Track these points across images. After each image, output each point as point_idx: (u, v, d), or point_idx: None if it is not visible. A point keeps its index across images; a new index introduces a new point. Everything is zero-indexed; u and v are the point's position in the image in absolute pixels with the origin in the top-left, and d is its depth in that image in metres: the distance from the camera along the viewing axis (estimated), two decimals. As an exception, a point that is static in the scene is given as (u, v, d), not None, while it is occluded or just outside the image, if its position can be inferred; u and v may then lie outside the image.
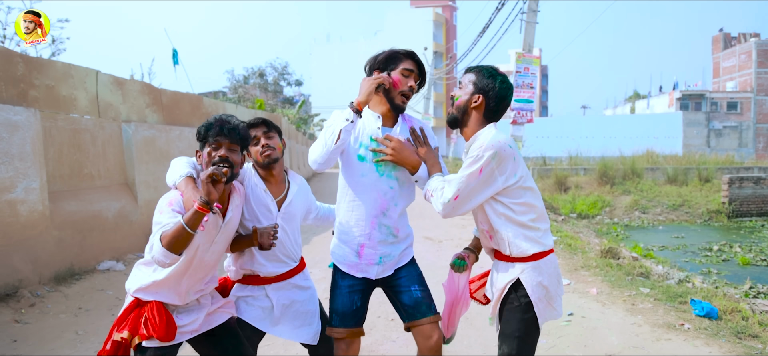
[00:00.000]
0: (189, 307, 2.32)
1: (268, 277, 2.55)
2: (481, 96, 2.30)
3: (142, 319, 2.15)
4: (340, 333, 2.48)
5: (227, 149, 2.21)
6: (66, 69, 6.46)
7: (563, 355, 3.92)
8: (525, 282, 2.24)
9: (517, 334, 2.25)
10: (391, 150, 2.35)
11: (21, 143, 5.41)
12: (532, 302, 2.23)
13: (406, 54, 2.48)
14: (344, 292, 2.50)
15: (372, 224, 2.44)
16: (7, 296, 4.99)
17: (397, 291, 2.52)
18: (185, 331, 2.27)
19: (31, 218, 5.52)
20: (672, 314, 4.73)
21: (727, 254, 12.04)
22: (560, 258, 7.29)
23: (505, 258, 2.30)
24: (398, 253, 2.53)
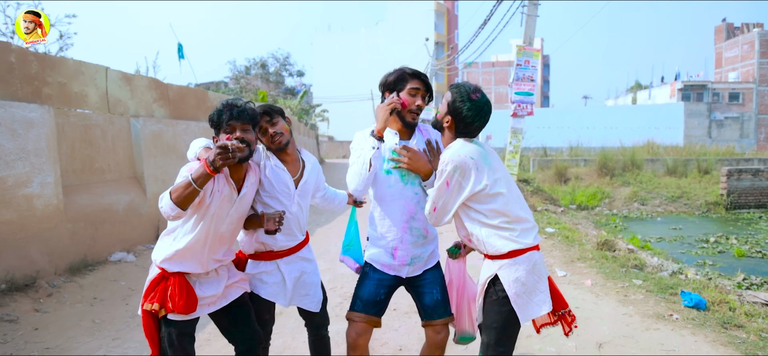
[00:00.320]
0: (209, 278, 2.55)
1: (281, 251, 2.80)
2: (451, 118, 2.56)
3: (168, 293, 2.39)
4: (358, 318, 2.69)
5: (241, 130, 2.42)
6: (77, 66, 6.64)
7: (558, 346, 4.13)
8: (502, 278, 2.45)
9: (495, 325, 2.47)
10: (408, 159, 2.60)
11: (36, 139, 5.62)
12: (509, 297, 2.42)
13: (412, 74, 2.73)
14: (372, 283, 2.75)
15: (403, 229, 2.71)
16: (26, 286, 5.21)
17: (420, 291, 2.78)
18: (205, 304, 2.51)
19: (47, 212, 5.74)
20: (662, 305, 4.93)
21: (724, 246, 12.20)
22: (557, 250, 7.51)
23: (487, 256, 2.54)
24: (427, 254, 2.80)
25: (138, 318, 4.77)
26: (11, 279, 5.11)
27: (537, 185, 18.16)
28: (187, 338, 2.48)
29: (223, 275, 2.61)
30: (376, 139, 2.58)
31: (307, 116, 38.95)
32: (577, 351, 3.94)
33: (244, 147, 2.34)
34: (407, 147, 2.62)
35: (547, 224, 9.81)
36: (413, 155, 2.61)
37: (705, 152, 24.86)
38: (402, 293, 2.94)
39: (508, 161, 14.58)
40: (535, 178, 19.72)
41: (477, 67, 66.06)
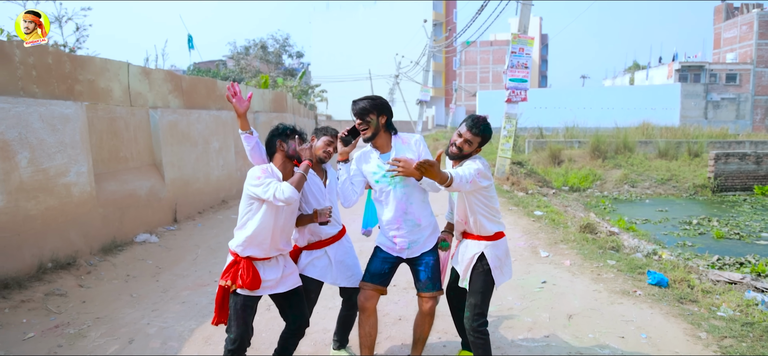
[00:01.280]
0: (270, 265, 3.25)
1: (328, 239, 3.59)
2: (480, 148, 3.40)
3: (239, 273, 3.12)
4: (367, 287, 3.45)
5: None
6: (103, 64, 7.23)
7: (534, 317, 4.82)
8: (487, 255, 3.34)
9: (481, 290, 3.35)
10: (402, 168, 3.20)
11: (72, 132, 6.24)
12: (491, 268, 3.32)
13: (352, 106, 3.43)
14: (379, 259, 3.50)
15: (399, 221, 3.42)
16: (68, 264, 5.88)
17: (417, 270, 3.52)
18: (267, 286, 3.22)
19: (82, 198, 6.38)
20: (629, 282, 5.62)
21: (705, 228, 12.82)
22: (543, 232, 8.19)
23: (474, 237, 3.36)
24: (423, 239, 3.49)
25: (170, 293, 5.49)
26: (56, 258, 5.78)
27: (531, 168, 18.81)
28: (248, 309, 3.18)
29: (281, 264, 3.31)
30: (339, 163, 3.42)
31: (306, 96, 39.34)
32: (550, 321, 4.63)
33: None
34: (398, 158, 3.16)
35: (536, 208, 10.48)
36: (405, 164, 3.16)
37: (698, 135, 25.37)
38: (402, 273, 3.63)
39: (502, 145, 15.20)
40: (529, 160, 20.34)
41: (475, 47, 66.20)
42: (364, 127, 3.34)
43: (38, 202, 5.67)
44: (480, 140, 3.32)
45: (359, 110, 3.33)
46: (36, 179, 5.65)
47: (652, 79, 57.06)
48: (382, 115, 3.38)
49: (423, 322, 3.54)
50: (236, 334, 3.14)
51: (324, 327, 4.51)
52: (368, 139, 3.38)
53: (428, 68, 41.28)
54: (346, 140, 3.40)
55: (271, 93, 16.33)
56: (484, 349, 3.29)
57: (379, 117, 3.36)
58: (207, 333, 4.45)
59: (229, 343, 3.17)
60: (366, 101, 3.36)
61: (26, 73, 5.69)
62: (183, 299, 5.34)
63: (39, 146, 5.72)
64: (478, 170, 3.17)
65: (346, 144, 3.40)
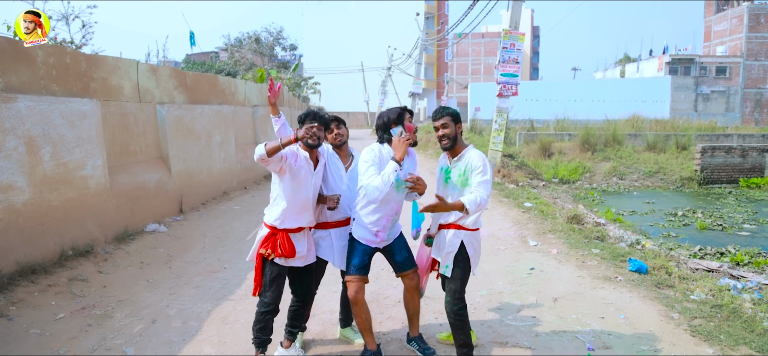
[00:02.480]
0: (301, 236, 3.69)
1: (333, 222, 3.92)
2: (460, 124, 3.72)
3: (278, 243, 3.56)
4: (354, 279, 3.76)
5: (317, 127, 3.60)
6: (115, 62, 7.56)
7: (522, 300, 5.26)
8: (466, 245, 3.65)
9: (460, 277, 3.66)
10: (421, 185, 3.59)
11: (88, 128, 6.59)
12: (469, 256, 3.64)
13: (405, 111, 3.81)
14: (359, 252, 3.79)
15: (388, 221, 3.79)
16: (86, 252, 6.25)
17: (392, 253, 3.91)
18: (299, 257, 3.66)
19: (98, 190, 6.74)
20: (611, 269, 6.08)
21: (689, 220, 13.27)
22: (532, 223, 8.64)
23: (454, 227, 3.66)
24: (396, 229, 3.95)
25: (184, 278, 5.88)
26: (75, 246, 6.15)
27: (521, 160, 19.26)
28: (281, 278, 3.64)
29: (305, 237, 3.75)
30: (397, 163, 3.54)
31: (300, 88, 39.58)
32: (537, 304, 5.06)
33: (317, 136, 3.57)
34: (419, 178, 3.57)
35: (526, 199, 10.93)
36: (423, 181, 3.59)
37: (686, 127, 25.84)
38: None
39: (493, 138, 15.63)
40: (519, 152, 20.78)
41: (467, 39, 66.56)
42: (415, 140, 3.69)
43: (59, 193, 6.03)
44: (450, 118, 3.62)
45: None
46: (57, 172, 6.00)
47: (643, 72, 57.60)
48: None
49: (412, 298, 3.96)
50: (271, 298, 3.61)
51: (330, 308, 4.93)
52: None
53: (420, 61, 41.62)
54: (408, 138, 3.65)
55: (265, 87, 16.68)
56: (463, 329, 3.67)
57: None
58: (223, 313, 4.86)
59: (263, 307, 3.63)
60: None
61: (47, 72, 6.03)
62: (197, 284, 5.73)
63: (60, 141, 6.07)
64: (488, 182, 3.50)
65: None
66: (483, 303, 5.11)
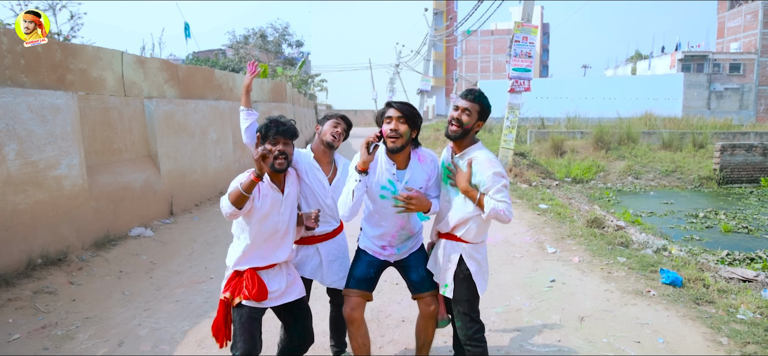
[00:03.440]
0: (275, 272, 3.00)
1: (320, 235, 3.35)
2: (482, 123, 3.02)
3: (243, 284, 2.87)
4: (352, 293, 3.15)
5: (283, 144, 2.89)
6: (95, 52, 6.98)
7: (544, 319, 4.61)
8: (465, 258, 3.00)
9: (466, 298, 3.02)
10: (414, 206, 2.96)
11: (63, 123, 6.01)
12: (471, 273, 2.99)
13: (386, 106, 3.07)
14: (364, 263, 3.21)
15: (393, 236, 3.18)
16: (59, 260, 5.66)
17: (408, 270, 3.24)
18: (272, 297, 2.96)
19: (74, 191, 6.16)
20: (642, 281, 5.41)
21: (712, 221, 12.59)
22: (549, 227, 7.97)
23: (451, 238, 3.03)
24: (412, 242, 3.27)
25: (164, 290, 5.28)
26: (46, 254, 5.57)
27: (533, 159, 18.57)
28: (255, 322, 2.89)
29: (284, 272, 3.05)
30: (358, 172, 2.91)
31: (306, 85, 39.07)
32: (561, 323, 4.41)
33: (282, 159, 2.85)
34: (411, 196, 2.95)
35: (541, 200, 10.26)
36: (417, 201, 2.95)
37: (702, 125, 25.05)
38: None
39: (504, 136, 14.96)
40: (531, 151, 20.11)
41: (476, 36, 65.70)
42: (395, 137, 2.93)
43: (27, 196, 5.44)
44: (479, 108, 2.96)
45: (400, 112, 2.94)
46: (24, 172, 5.42)
47: (655, 69, 56.65)
48: (415, 129, 3.02)
49: (426, 326, 3.25)
50: (243, 350, 2.82)
51: (324, 329, 4.30)
52: (396, 150, 2.96)
53: (429, 58, 40.94)
54: (370, 146, 2.90)
55: (270, 83, 16.08)
56: None
57: (412, 130, 3.00)
58: (200, 335, 4.24)
59: None
60: (407, 107, 2.97)
61: (14, 61, 5.44)
62: (177, 297, 5.13)
63: (28, 138, 5.49)
64: (506, 185, 2.89)
65: (370, 151, 2.90)
66: (499, 322, 4.46)
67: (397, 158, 3.07)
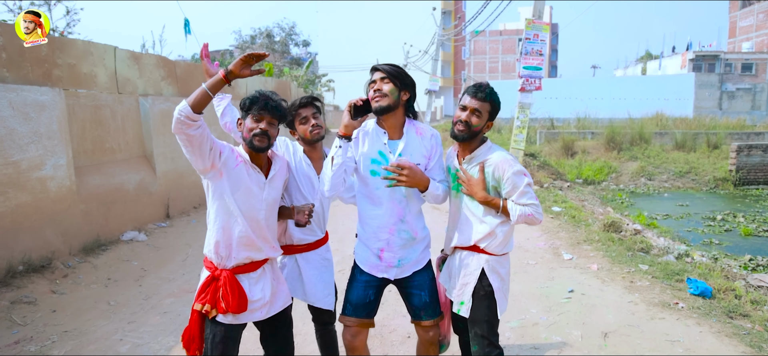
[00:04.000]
0: (258, 277, 2.59)
1: (300, 245, 2.89)
2: (492, 122, 2.65)
3: (219, 293, 2.45)
4: (350, 322, 2.73)
5: (268, 123, 2.50)
6: (86, 47, 6.64)
7: (564, 335, 4.20)
8: (488, 272, 2.62)
9: (486, 318, 2.63)
10: (406, 177, 2.54)
11: (48, 121, 5.66)
12: (493, 290, 2.62)
13: (372, 70, 2.70)
14: (360, 285, 2.76)
15: (391, 231, 2.67)
16: (42, 267, 5.32)
17: (409, 293, 2.79)
18: (255, 308, 2.55)
19: (60, 193, 5.82)
20: (668, 292, 4.98)
21: (730, 225, 12.14)
22: (564, 231, 7.55)
23: (476, 250, 2.63)
24: (416, 255, 2.76)
25: (153, 300, 4.91)
26: (28, 261, 5.22)
27: (544, 160, 18.13)
28: (231, 342, 2.50)
29: (269, 276, 2.64)
30: (339, 137, 2.53)
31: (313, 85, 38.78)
32: (583, 340, 4.01)
33: (262, 138, 2.48)
34: (402, 164, 2.55)
35: (554, 203, 9.83)
36: (410, 172, 2.55)
37: (715, 125, 24.52)
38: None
39: (515, 136, 14.53)
40: (541, 151, 19.67)
41: (484, 36, 65.13)
42: (379, 96, 2.57)
43: (7, 198, 5.10)
44: (489, 107, 2.61)
45: (383, 71, 2.60)
46: (5, 173, 5.08)
47: (665, 70, 55.97)
48: (405, 90, 2.64)
49: (427, 351, 2.84)
50: None
51: (322, 345, 3.92)
52: (381, 110, 2.58)
53: (437, 57, 40.50)
54: (356, 111, 2.54)
55: (273, 81, 15.75)
56: None
57: (402, 91, 2.63)
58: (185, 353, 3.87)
59: None
60: (390, 66, 2.63)
61: (-7, 55, 5.11)
62: (165, 308, 4.76)
63: (8, 137, 5.15)
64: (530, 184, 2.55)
65: (356, 117, 2.54)
66: (514, 338, 4.06)
67: (389, 125, 2.67)
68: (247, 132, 2.50)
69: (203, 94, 2.25)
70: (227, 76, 2.25)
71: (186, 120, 2.25)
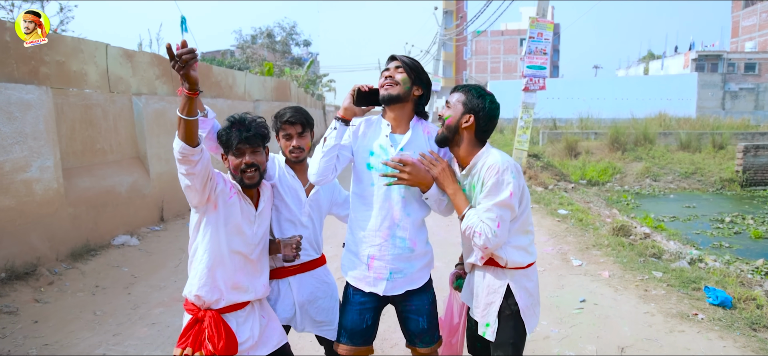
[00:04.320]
0: (246, 315, 2.33)
1: (293, 266, 2.58)
2: (472, 116, 2.28)
3: (205, 335, 2.18)
4: (346, 351, 2.45)
5: (250, 153, 2.26)
6: (76, 44, 6.39)
7: (577, 350, 3.94)
8: (514, 289, 2.31)
9: (511, 341, 2.32)
10: (407, 175, 2.28)
11: (34, 121, 5.41)
12: (519, 309, 2.31)
13: (389, 58, 2.46)
14: (355, 309, 2.45)
15: (384, 236, 2.36)
16: (26, 274, 5.06)
17: (406, 316, 2.49)
18: (244, 350, 2.28)
19: (47, 197, 5.56)
20: (685, 302, 4.71)
21: (739, 227, 11.90)
22: (571, 236, 7.28)
23: (495, 264, 2.33)
24: (413, 271, 2.42)
25: (141, 310, 4.66)
26: (11, 267, 4.97)
27: (547, 160, 17.89)
28: None
29: (257, 314, 2.37)
30: (336, 119, 2.30)
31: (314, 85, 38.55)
32: (598, 353, 3.75)
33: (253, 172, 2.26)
34: (405, 160, 2.29)
35: (560, 205, 9.57)
36: (412, 169, 2.28)
37: (719, 125, 24.26)
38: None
39: (518, 136, 14.27)
40: (544, 152, 19.44)
41: (486, 36, 64.87)
42: (390, 83, 2.32)
43: (-11, 202, 4.85)
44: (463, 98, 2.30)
45: (400, 60, 2.39)
46: (-14, 176, 4.83)
47: (668, 69, 55.70)
48: (419, 86, 2.39)
49: None
50: None
51: None
52: (389, 99, 2.32)
53: (439, 57, 40.27)
54: (360, 98, 2.32)
55: (273, 81, 15.49)
56: None
57: (415, 86, 2.37)
58: (174, 368, 3.62)
59: None
60: (409, 57, 2.42)
61: (-26, 51, 4.86)
62: (153, 319, 4.50)
63: (-10, 137, 4.90)
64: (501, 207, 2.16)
65: (358, 103, 2.31)
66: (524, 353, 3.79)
67: (394, 118, 2.40)
68: (234, 170, 2.28)
69: (181, 122, 2.02)
70: (190, 89, 1.97)
71: (188, 158, 2.05)
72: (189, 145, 2.02)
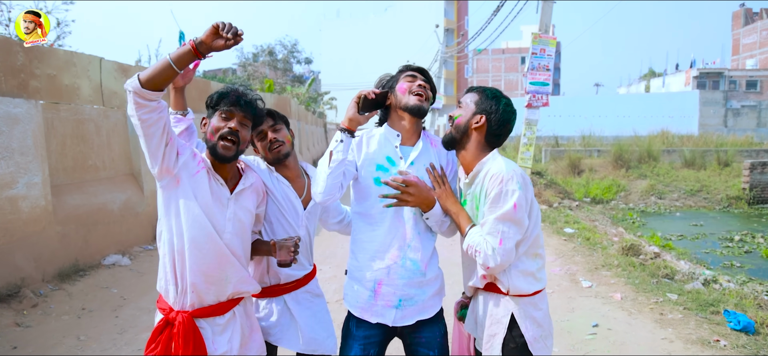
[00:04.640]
0: (224, 323, 2.07)
1: (288, 283, 2.36)
2: (484, 117, 2.08)
3: (173, 344, 1.94)
4: None
5: (239, 122, 2.03)
6: (68, 57, 6.21)
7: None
8: (519, 319, 2.05)
9: None
10: (411, 197, 2.07)
11: (22, 136, 5.21)
12: (527, 342, 2.05)
13: (407, 68, 2.31)
14: (358, 344, 2.20)
15: (393, 257, 2.13)
16: (8, 296, 4.81)
17: (415, 349, 2.23)
18: None
19: (34, 214, 5.33)
20: (705, 327, 4.45)
21: (750, 245, 11.63)
22: (579, 255, 7.03)
23: (497, 290, 2.09)
24: (424, 299, 2.18)
25: (128, 335, 4.39)
26: (-8, 290, 4.73)
27: (550, 178, 17.65)
28: None
29: (238, 322, 2.11)
30: (340, 130, 2.09)
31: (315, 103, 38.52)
32: (616, 387, 3.49)
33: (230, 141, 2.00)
34: (407, 181, 2.09)
35: (566, 224, 9.32)
36: (415, 189, 2.08)
37: (723, 143, 24.09)
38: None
39: (522, 153, 14.07)
40: (547, 169, 19.20)
41: (487, 54, 65.06)
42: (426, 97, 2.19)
43: (-29, 220, 4.63)
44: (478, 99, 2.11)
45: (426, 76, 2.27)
46: (-32, 193, 4.61)
47: (669, 87, 55.76)
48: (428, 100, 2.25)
49: None
50: None
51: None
52: (423, 113, 2.20)
53: (440, 75, 40.28)
54: (365, 105, 2.11)
55: (273, 98, 15.34)
56: None
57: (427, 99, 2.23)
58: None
59: None
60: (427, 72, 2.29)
61: (-42, 63, 4.67)
62: (139, 345, 4.24)
63: (-27, 152, 4.69)
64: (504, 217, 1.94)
65: (363, 112, 2.11)
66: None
67: (406, 129, 2.22)
68: (211, 133, 2.02)
69: (165, 66, 1.79)
70: (198, 48, 1.77)
71: (136, 99, 1.80)
72: (147, 88, 1.78)
